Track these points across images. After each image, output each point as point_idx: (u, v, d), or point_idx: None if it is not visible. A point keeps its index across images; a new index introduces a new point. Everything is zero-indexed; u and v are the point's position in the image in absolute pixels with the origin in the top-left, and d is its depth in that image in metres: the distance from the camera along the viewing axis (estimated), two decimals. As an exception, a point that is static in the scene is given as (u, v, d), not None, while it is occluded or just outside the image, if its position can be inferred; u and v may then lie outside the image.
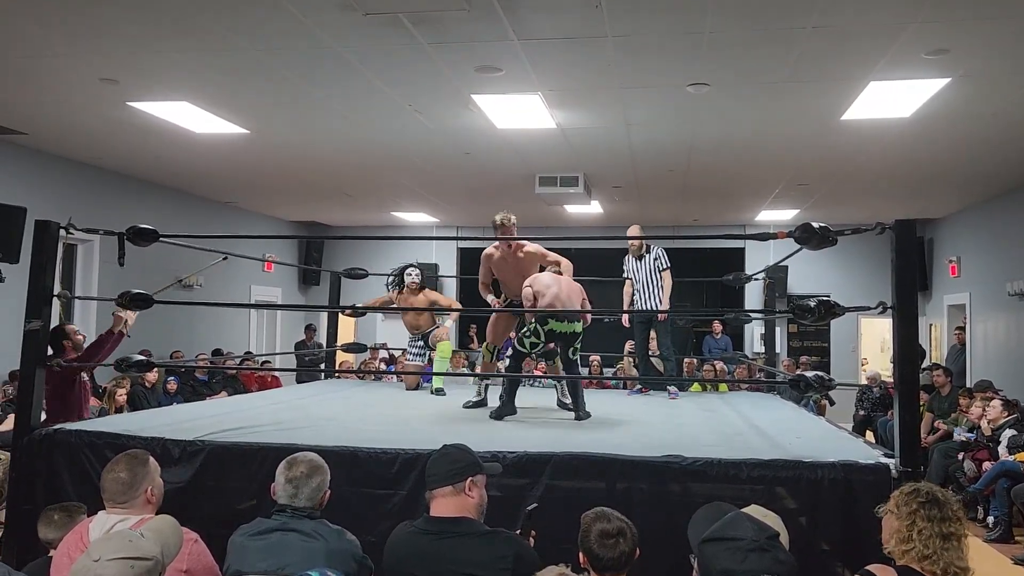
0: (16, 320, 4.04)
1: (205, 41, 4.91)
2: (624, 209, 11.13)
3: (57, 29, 4.77)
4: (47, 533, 2.96)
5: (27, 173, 7.88)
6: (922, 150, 7.47)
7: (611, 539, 2.33)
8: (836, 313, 3.35)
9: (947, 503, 2.26)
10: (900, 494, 2.32)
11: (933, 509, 2.23)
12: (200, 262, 10.10)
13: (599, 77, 5.51)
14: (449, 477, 2.47)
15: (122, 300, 3.94)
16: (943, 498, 2.28)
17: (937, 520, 2.21)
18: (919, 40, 4.73)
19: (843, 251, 11.06)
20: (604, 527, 2.35)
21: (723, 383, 8.05)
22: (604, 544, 2.33)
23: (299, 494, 2.57)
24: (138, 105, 6.31)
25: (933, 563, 2.17)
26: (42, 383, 3.90)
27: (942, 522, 2.21)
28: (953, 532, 2.20)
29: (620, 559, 2.33)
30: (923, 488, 2.31)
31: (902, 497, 2.30)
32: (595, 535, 2.35)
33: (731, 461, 3.22)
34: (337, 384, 6.91)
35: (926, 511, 2.22)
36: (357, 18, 4.45)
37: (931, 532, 2.19)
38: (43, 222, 3.89)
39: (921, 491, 2.29)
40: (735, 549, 1.96)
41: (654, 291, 6.26)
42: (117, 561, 1.84)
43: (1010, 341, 9.48)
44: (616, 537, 2.33)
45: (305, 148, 7.81)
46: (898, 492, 2.34)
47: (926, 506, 2.24)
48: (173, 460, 3.47)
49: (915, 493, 2.29)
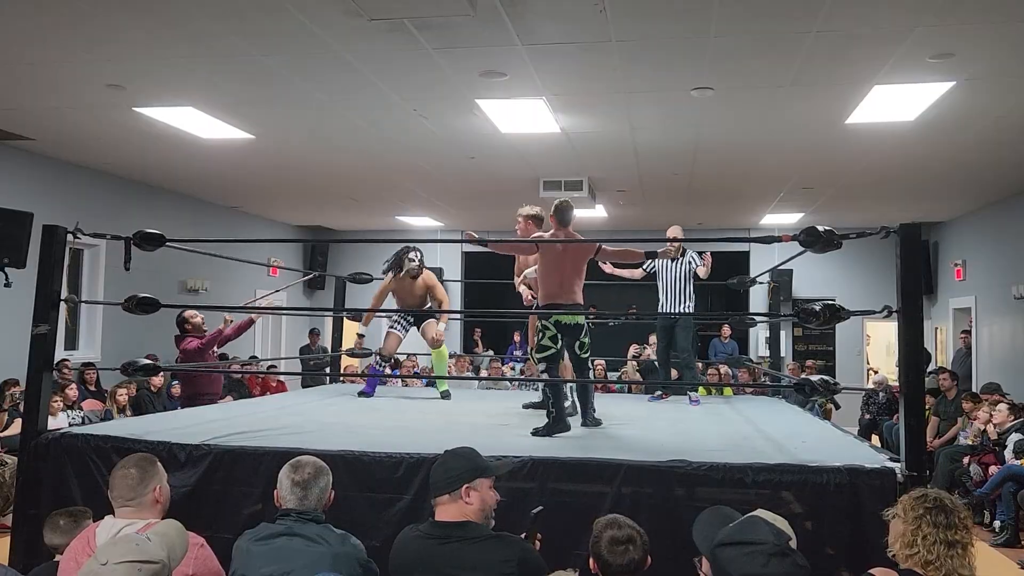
0: (24, 325, 4.06)
1: (211, 47, 4.94)
2: (628, 213, 11.13)
3: (64, 35, 4.80)
4: (53, 538, 2.96)
5: (34, 178, 7.92)
6: (927, 154, 7.46)
7: (621, 545, 2.34)
8: (841, 317, 3.35)
9: (955, 510, 2.24)
10: (908, 499, 2.31)
11: (940, 515, 2.21)
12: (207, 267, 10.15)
13: (603, 82, 5.52)
14: (446, 485, 2.47)
15: (129, 304, 3.96)
16: (951, 505, 2.26)
17: (943, 527, 2.19)
18: (923, 44, 4.72)
19: (848, 255, 11.03)
20: (615, 534, 2.36)
21: (728, 387, 8.04)
22: (614, 551, 2.33)
23: (308, 496, 2.57)
24: (144, 111, 6.34)
25: (936, 569, 2.16)
26: (49, 388, 3.92)
27: (948, 529, 2.19)
28: (958, 540, 2.19)
29: (630, 566, 2.33)
30: (931, 494, 2.29)
31: (909, 502, 2.28)
32: (606, 541, 2.35)
33: (737, 465, 3.22)
34: (342, 388, 6.92)
35: (932, 517, 2.21)
36: (362, 24, 4.47)
37: (936, 538, 2.18)
38: (50, 227, 3.91)
39: (929, 497, 2.28)
40: (756, 553, 1.96)
41: (683, 295, 6.02)
42: (124, 565, 1.84)
43: (1016, 344, 9.45)
44: (626, 544, 2.34)
45: (310, 153, 7.83)
46: (906, 496, 2.33)
47: (932, 512, 2.22)
48: (179, 464, 3.47)
49: (923, 498, 2.27)
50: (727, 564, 1.98)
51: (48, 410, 3.99)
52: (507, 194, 9.48)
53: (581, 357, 4.55)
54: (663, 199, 10.08)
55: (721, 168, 8.21)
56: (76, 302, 6.31)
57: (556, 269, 4.41)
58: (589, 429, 4.47)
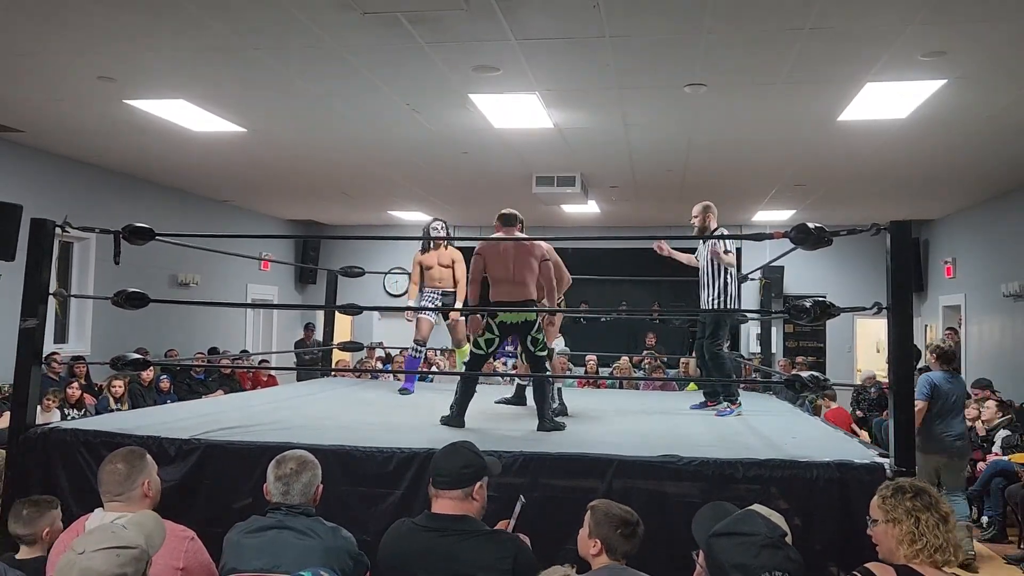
0: (12, 318, 4.03)
1: (203, 39, 4.91)
2: (621, 209, 11.14)
3: (54, 27, 4.76)
4: (16, 528, 2.93)
5: (23, 171, 7.87)
6: (918, 151, 7.49)
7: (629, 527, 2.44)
8: (832, 314, 3.36)
9: (926, 489, 2.24)
10: (888, 498, 2.23)
11: (925, 497, 2.20)
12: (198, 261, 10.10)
13: (596, 77, 5.52)
14: (461, 481, 2.47)
15: (118, 299, 3.94)
16: (922, 485, 2.26)
17: (933, 508, 2.17)
18: (916, 42, 4.74)
19: (839, 252, 11.08)
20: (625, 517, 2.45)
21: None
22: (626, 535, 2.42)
23: (290, 491, 2.58)
24: (135, 103, 6.30)
25: (943, 551, 2.12)
26: (38, 381, 3.89)
27: (936, 507, 2.18)
28: (947, 512, 2.19)
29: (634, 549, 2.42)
30: (905, 484, 2.27)
31: (892, 501, 2.22)
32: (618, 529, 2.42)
33: (727, 461, 3.23)
34: (334, 383, 6.90)
35: (922, 502, 2.18)
36: (355, 17, 4.45)
37: (934, 521, 2.15)
38: (39, 220, 3.89)
39: (905, 486, 2.24)
40: (748, 544, 1.97)
41: (707, 282, 5.22)
42: (102, 551, 1.83)
43: (1004, 342, 9.52)
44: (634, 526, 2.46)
45: (302, 147, 7.80)
46: (881, 500, 2.25)
47: (918, 498, 2.20)
48: (169, 458, 3.47)
49: (901, 491, 2.23)
50: (720, 553, 2.00)
51: (37, 404, 3.96)
52: (500, 189, 9.48)
53: (536, 354, 4.46)
54: (656, 195, 10.10)
55: (714, 164, 8.23)
56: (65, 296, 6.29)
57: (504, 267, 4.47)
58: (579, 422, 4.48)
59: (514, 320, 4.42)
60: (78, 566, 1.81)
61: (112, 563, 1.83)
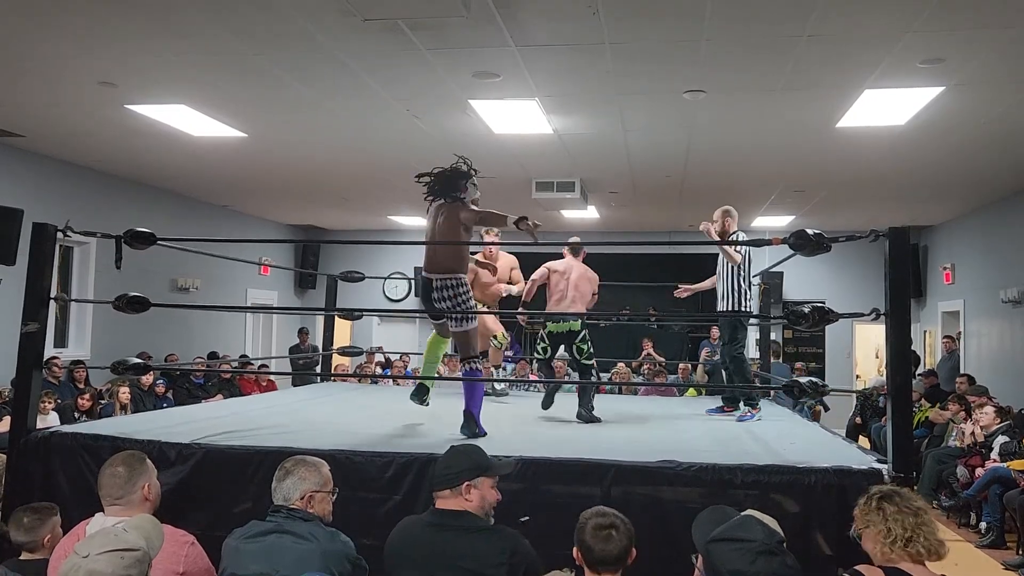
0: (13, 322, 4.04)
1: (204, 44, 4.93)
2: (621, 214, 11.15)
3: (55, 32, 4.78)
4: (17, 536, 2.93)
5: (25, 175, 7.89)
6: (917, 158, 7.51)
7: (604, 531, 2.31)
8: (830, 319, 3.37)
9: (900, 492, 2.32)
10: (862, 505, 2.34)
11: (894, 497, 2.29)
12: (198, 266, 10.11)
13: (596, 83, 5.54)
14: (446, 481, 2.55)
15: (119, 303, 3.95)
16: (897, 487, 2.36)
17: (902, 504, 2.25)
18: (914, 49, 4.76)
19: (838, 258, 11.10)
20: (599, 520, 2.35)
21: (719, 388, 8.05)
22: (597, 535, 2.30)
23: (277, 490, 2.62)
24: (136, 108, 6.31)
25: (914, 543, 2.19)
26: (39, 385, 3.90)
27: (907, 502, 2.26)
28: (921, 507, 2.25)
29: (614, 552, 2.29)
30: (873, 489, 2.36)
31: (864, 507, 2.32)
32: (590, 528, 2.34)
33: (726, 466, 3.23)
34: (333, 387, 6.90)
35: (888, 501, 2.27)
36: (356, 23, 4.47)
37: (902, 514, 2.23)
38: (40, 224, 3.89)
39: (873, 490, 2.35)
40: (745, 551, 1.99)
41: (723, 286, 5.25)
42: (107, 554, 1.86)
43: (1003, 348, 9.53)
44: (609, 529, 2.30)
45: (302, 152, 7.82)
46: (858, 509, 2.35)
47: (886, 499, 2.29)
48: (169, 463, 3.47)
49: (871, 494, 2.33)
50: (717, 559, 2.01)
51: (38, 408, 3.97)
52: (499, 195, 9.48)
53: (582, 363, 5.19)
54: (655, 201, 10.11)
55: (713, 170, 8.25)
56: (66, 300, 6.30)
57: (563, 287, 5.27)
58: (581, 427, 4.58)
59: (560, 330, 5.12)
60: (84, 569, 1.82)
61: (117, 565, 1.85)
